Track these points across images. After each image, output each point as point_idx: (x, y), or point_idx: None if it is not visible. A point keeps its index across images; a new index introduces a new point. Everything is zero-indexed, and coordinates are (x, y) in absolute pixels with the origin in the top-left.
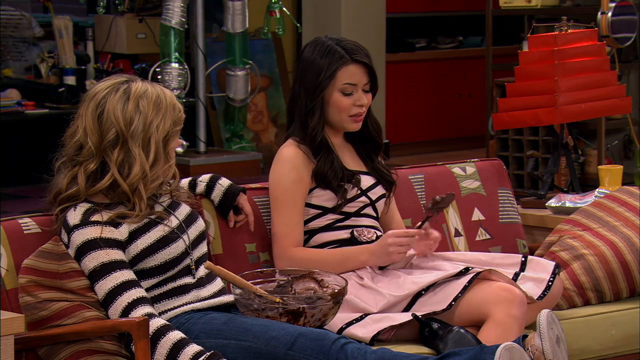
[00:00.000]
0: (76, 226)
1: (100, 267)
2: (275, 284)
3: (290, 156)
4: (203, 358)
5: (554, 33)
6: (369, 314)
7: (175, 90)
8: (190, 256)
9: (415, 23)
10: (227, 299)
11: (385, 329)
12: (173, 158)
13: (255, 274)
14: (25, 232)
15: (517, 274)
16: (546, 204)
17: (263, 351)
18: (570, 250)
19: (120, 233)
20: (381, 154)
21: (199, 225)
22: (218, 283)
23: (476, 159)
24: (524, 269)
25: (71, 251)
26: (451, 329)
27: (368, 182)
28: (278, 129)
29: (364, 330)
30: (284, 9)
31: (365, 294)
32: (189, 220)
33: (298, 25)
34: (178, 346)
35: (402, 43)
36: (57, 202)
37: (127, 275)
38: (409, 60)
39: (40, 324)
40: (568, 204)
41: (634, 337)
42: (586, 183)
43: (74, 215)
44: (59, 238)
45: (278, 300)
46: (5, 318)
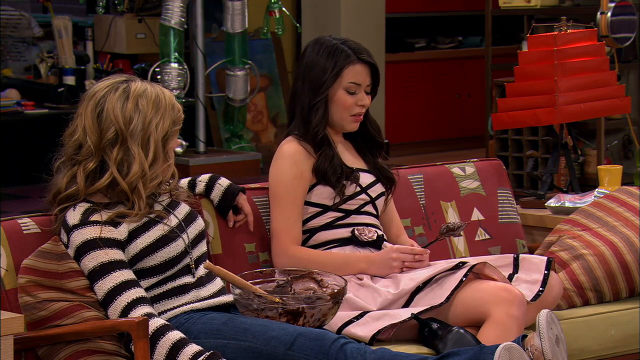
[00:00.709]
0: (75, 226)
1: (100, 267)
2: (275, 284)
3: (290, 152)
4: (202, 358)
5: (553, 33)
6: (368, 312)
7: (174, 90)
8: (190, 255)
9: (414, 23)
10: (227, 299)
11: (384, 327)
12: (172, 157)
13: (255, 274)
14: (25, 232)
15: (511, 275)
16: (546, 204)
17: (262, 351)
18: (569, 250)
19: (120, 232)
20: (382, 154)
21: (199, 224)
22: (218, 283)
23: (475, 159)
24: (517, 270)
25: (71, 251)
26: (451, 329)
27: (368, 180)
28: (277, 129)
29: (364, 330)
30: (284, 9)
31: (364, 293)
32: (189, 220)
33: (297, 25)
34: (177, 346)
35: (402, 43)
36: (57, 202)
37: (127, 275)
38: (408, 60)
39: (39, 324)
40: (567, 204)
41: (633, 337)
42: (586, 183)
43: (73, 215)
44: (58, 238)
45: (277, 300)
46: (5, 318)
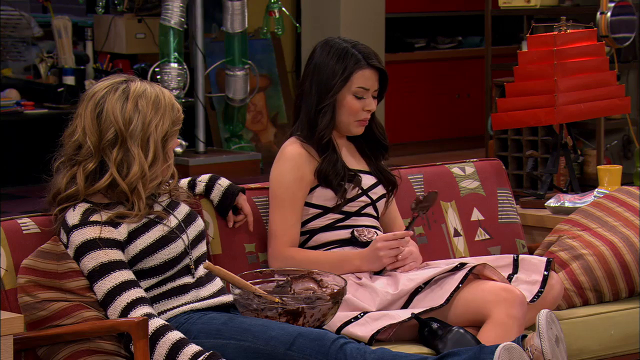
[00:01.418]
0: (75, 226)
1: (100, 267)
2: (275, 284)
3: (293, 154)
4: (202, 358)
5: (553, 33)
6: (367, 312)
7: (174, 91)
8: (190, 256)
9: (414, 23)
10: (227, 299)
11: (384, 327)
12: (172, 158)
13: (255, 274)
14: (25, 232)
15: (511, 276)
16: (545, 204)
17: (262, 351)
18: (569, 250)
19: (120, 233)
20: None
21: (198, 224)
22: (217, 283)
23: (475, 159)
24: (517, 270)
25: (70, 251)
26: (451, 329)
27: (369, 182)
28: (277, 129)
29: (363, 330)
30: (283, 9)
31: (364, 293)
32: (188, 220)
33: (297, 25)
34: (177, 346)
35: (402, 43)
36: (56, 202)
37: (126, 275)
38: (408, 60)
39: (39, 324)
40: (567, 204)
41: (633, 337)
42: (585, 183)
43: (73, 215)
44: (58, 238)
45: (277, 300)
46: (5, 318)
